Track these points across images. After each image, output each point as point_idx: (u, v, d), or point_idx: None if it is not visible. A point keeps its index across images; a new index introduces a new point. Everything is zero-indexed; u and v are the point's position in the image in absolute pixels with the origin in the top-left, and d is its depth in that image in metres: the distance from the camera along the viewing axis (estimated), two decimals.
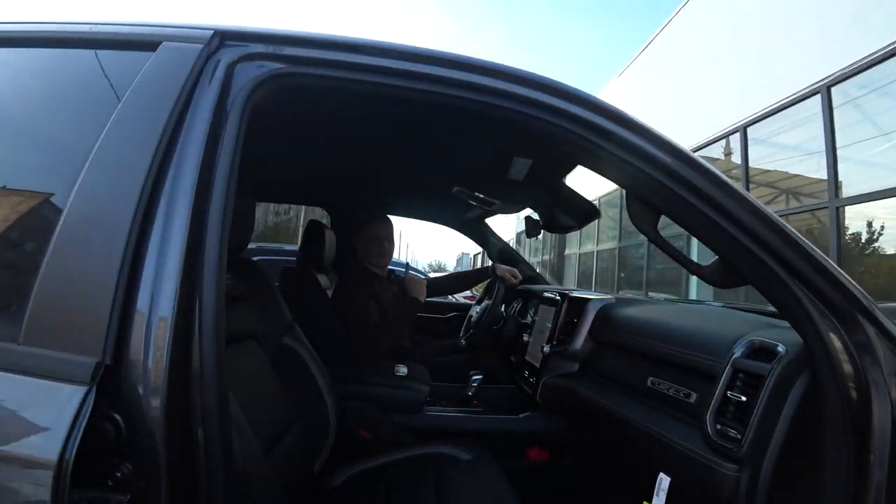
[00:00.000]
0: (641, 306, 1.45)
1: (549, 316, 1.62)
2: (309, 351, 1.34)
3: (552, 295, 1.68)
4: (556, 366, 1.51)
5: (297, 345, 1.32)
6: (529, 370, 1.66)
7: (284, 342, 1.30)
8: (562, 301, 1.58)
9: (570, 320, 1.50)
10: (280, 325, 1.30)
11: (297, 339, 1.33)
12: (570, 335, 1.49)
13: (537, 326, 1.73)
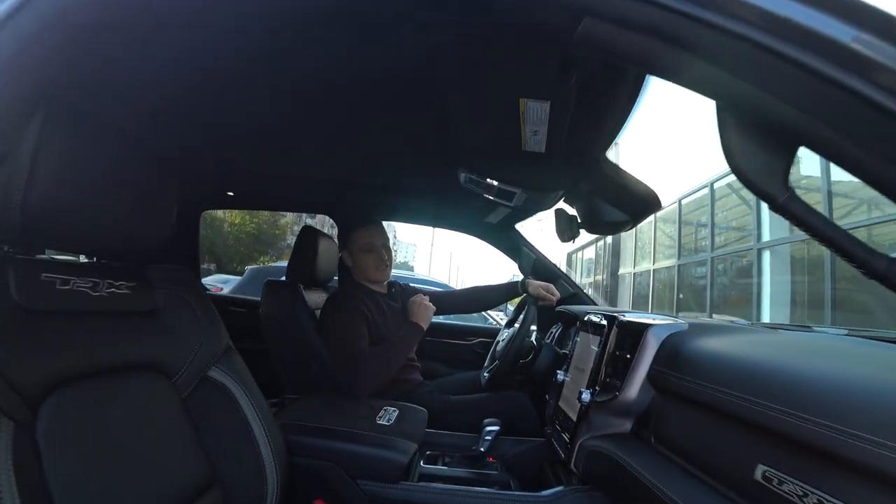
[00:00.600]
0: (731, 337, 0.97)
1: (591, 348, 1.16)
2: (244, 386, 0.98)
3: (596, 318, 1.22)
4: (599, 421, 1.04)
5: (227, 378, 0.96)
6: (563, 422, 1.20)
7: (209, 375, 0.94)
8: (608, 327, 1.12)
9: (621, 355, 1.04)
10: (207, 354, 0.95)
11: (231, 370, 0.98)
12: (620, 377, 1.02)
13: (575, 362, 1.27)
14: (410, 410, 1.33)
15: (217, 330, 1.01)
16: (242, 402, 0.98)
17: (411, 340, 1.56)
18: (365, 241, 1.69)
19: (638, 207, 1.13)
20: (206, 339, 0.98)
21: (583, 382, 1.14)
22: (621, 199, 1.13)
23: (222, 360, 0.99)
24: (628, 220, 1.17)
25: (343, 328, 1.51)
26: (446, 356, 2.29)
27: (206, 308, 1.01)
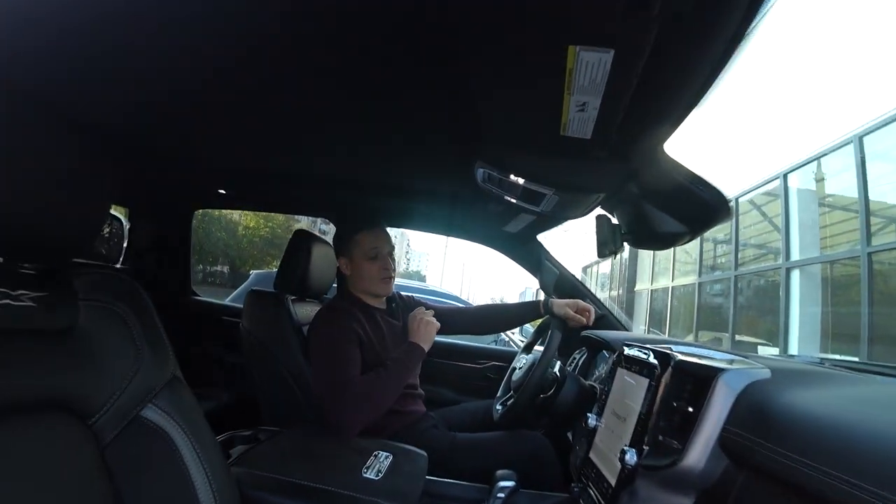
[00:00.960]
0: (837, 390, 0.72)
1: (637, 391, 0.91)
2: (188, 428, 0.76)
3: (641, 353, 0.98)
4: (647, 492, 0.80)
5: (166, 419, 0.74)
6: (596, 481, 0.95)
7: (143, 416, 0.72)
8: (660, 367, 0.88)
9: (680, 407, 0.80)
10: (142, 387, 0.73)
11: (173, 409, 0.75)
12: (678, 436, 0.78)
13: (613, 405, 1.02)
14: (408, 457, 1.09)
15: (160, 354, 0.79)
16: (185, 450, 0.76)
17: (410, 365, 1.31)
18: (370, 247, 1.44)
19: (701, 216, 0.89)
20: (143, 366, 0.75)
21: (624, 435, 0.89)
22: (680, 204, 0.89)
23: (163, 394, 0.77)
24: (685, 233, 0.93)
25: (329, 349, 1.28)
26: (453, 381, 2.04)
27: (147, 325, 0.78)
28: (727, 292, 7.72)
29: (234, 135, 1.39)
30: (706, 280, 8.38)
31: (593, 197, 0.99)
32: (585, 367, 1.58)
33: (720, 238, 8.34)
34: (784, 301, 6.14)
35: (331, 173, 1.68)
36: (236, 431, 1.26)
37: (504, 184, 0.99)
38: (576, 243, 15.19)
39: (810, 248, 5.99)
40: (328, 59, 0.83)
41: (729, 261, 7.66)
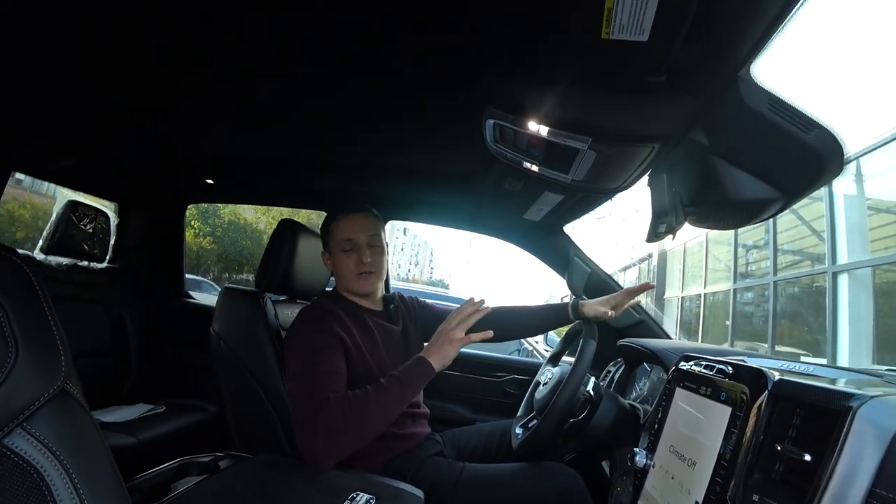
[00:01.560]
0: None
1: (711, 425, 0.64)
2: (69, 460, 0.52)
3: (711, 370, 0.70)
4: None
5: (37, 448, 0.51)
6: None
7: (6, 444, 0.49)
8: (749, 391, 0.60)
9: (790, 454, 0.53)
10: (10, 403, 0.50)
11: (50, 434, 0.52)
12: (784, 496, 0.51)
13: (670, 439, 0.75)
14: (394, 502, 0.83)
15: (45, 359, 0.55)
16: (61, 491, 0.52)
17: (411, 385, 1.01)
18: (344, 237, 1.19)
19: (802, 173, 0.62)
20: (14, 375, 0.52)
21: (693, 486, 0.62)
22: (769, 158, 0.63)
23: (42, 415, 0.53)
24: (776, 199, 0.66)
25: (304, 358, 1.03)
26: (467, 397, 1.78)
27: (32, 320, 0.55)
28: (765, 299, 7.23)
29: (221, 122, 1.31)
30: (742, 286, 7.88)
31: (643, 152, 0.71)
32: (622, 382, 1.30)
33: (750, 244, 7.88)
34: (831, 308, 5.66)
35: (322, 159, 1.49)
36: (193, 457, 1.03)
37: (520, 139, 0.73)
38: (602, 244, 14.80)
39: (859, 252, 5.52)
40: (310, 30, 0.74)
41: (764, 267, 7.18)
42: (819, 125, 0.58)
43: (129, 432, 1.52)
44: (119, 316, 1.99)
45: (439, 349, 1.03)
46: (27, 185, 10.53)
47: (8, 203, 9.77)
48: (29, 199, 10.51)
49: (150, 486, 0.88)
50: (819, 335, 5.93)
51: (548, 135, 0.69)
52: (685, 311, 9.59)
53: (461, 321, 1.04)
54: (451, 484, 1.04)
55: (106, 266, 2.05)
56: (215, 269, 12.40)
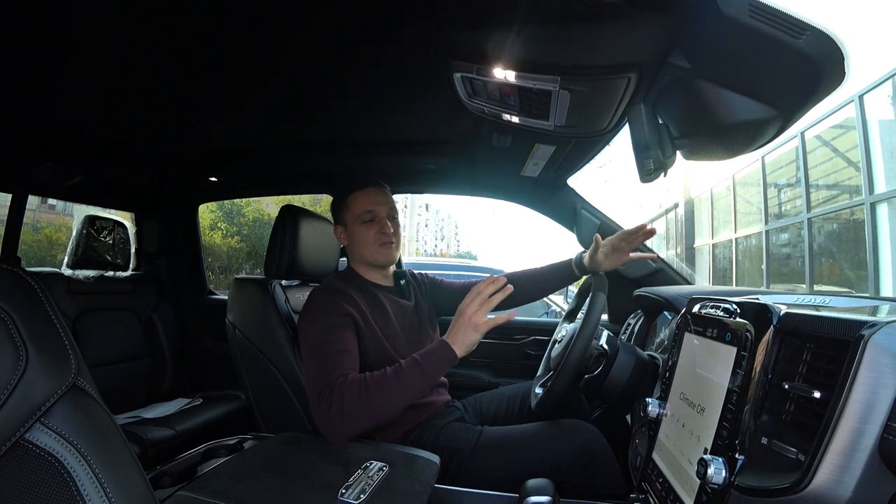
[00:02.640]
0: None
1: (719, 367, 0.61)
2: (90, 450, 0.55)
3: (719, 310, 0.66)
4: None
5: (59, 441, 0.54)
6: (664, 496, 0.66)
7: (27, 439, 0.52)
8: (754, 328, 0.56)
9: (800, 392, 0.49)
10: (26, 402, 0.52)
11: (68, 427, 0.54)
12: (800, 439, 0.48)
13: (680, 386, 0.72)
14: (410, 468, 0.84)
15: (55, 359, 0.57)
16: (85, 482, 0.54)
17: (432, 371, 0.96)
18: (363, 209, 1.20)
19: (798, 83, 0.56)
20: (28, 376, 0.54)
21: (702, 433, 0.59)
22: (760, 72, 0.57)
23: (57, 410, 0.56)
24: (773, 118, 0.60)
25: (315, 337, 1.04)
26: (488, 362, 1.78)
27: (36, 323, 0.57)
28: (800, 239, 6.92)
29: (215, 119, 1.31)
30: (774, 227, 7.57)
31: (619, 85, 0.65)
32: (643, 335, 1.27)
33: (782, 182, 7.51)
34: (871, 240, 5.37)
35: (318, 141, 1.48)
36: (220, 441, 1.07)
37: (492, 90, 0.69)
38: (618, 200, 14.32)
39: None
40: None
41: (798, 206, 6.83)
42: (810, 27, 0.51)
43: (167, 425, 1.60)
44: (149, 319, 2.07)
45: (463, 335, 0.96)
46: (60, 209, 10.98)
47: (45, 229, 10.24)
48: (63, 221, 10.96)
49: (179, 471, 0.92)
50: (861, 271, 5.66)
51: (516, 80, 0.65)
52: (717, 258, 9.31)
53: (482, 304, 0.97)
54: (470, 448, 1.05)
55: (130, 274, 2.12)
56: (247, 267, 12.74)
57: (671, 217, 11.51)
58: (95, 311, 1.87)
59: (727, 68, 0.58)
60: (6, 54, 0.91)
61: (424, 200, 37.81)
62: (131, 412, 1.78)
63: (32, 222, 10.04)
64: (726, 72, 0.58)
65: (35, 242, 9.95)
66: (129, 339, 1.98)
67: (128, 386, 1.91)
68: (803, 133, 6.58)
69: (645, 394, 0.99)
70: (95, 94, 1.12)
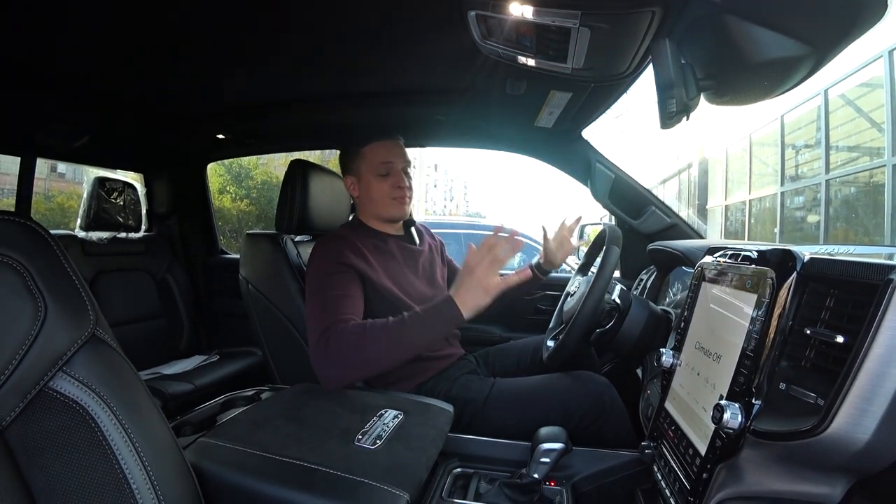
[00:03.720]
0: None
1: (737, 314, 0.60)
2: (112, 397, 0.57)
3: (734, 261, 0.65)
4: (760, 471, 0.51)
5: (83, 389, 0.55)
6: (676, 444, 0.67)
7: (51, 387, 0.54)
8: (776, 274, 0.55)
9: (819, 335, 0.48)
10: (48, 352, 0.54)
11: (91, 375, 0.56)
12: (813, 382, 0.48)
13: (696, 335, 0.71)
14: (425, 415, 0.86)
15: (73, 310, 0.58)
16: (109, 426, 0.57)
17: (434, 328, 0.92)
18: (381, 161, 1.18)
19: (836, 17, 0.52)
20: (48, 327, 0.55)
21: (718, 381, 0.59)
22: (792, 3, 0.53)
23: (78, 360, 0.57)
24: (806, 55, 0.56)
25: (318, 283, 1.04)
26: (500, 316, 1.79)
27: (52, 275, 0.58)
28: (816, 203, 6.75)
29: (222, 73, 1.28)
30: (790, 189, 7.38)
31: (643, 20, 0.61)
32: (655, 289, 1.26)
33: (801, 144, 7.26)
34: (890, 204, 5.23)
35: (326, 93, 1.44)
36: (239, 392, 1.10)
37: (508, 29, 0.65)
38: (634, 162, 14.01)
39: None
40: None
41: (816, 168, 6.62)
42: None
43: (186, 380, 1.65)
44: (163, 279, 2.11)
45: (472, 296, 0.90)
46: (70, 177, 11.00)
47: (57, 197, 10.30)
48: (74, 189, 10.99)
49: (199, 421, 0.95)
50: (877, 236, 5.54)
51: (534, 16, 0.61)
52: (730, 220, 9.16)
53: (493, 262, 0.89)
54: (482, 399, 1.07)
55: (143, 234, 2.14)
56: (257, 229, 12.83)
57: (684, 177, 11.27)
58: (111, 273, 1.90)
59: (758, 1, 0.54)
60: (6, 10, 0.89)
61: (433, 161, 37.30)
62: (150, 369, 1.84)
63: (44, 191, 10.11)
64: (756, 4, 0.54)
65: (48, 211, 10.05)
66: (145, 299, 2.02)
67: (146, 345, 1.96)
68: (827, 90, 6.30)
69: (657, 347, 1.00)
70: (99, 51, 1.09)
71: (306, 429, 0.78)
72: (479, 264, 0.89)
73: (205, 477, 0.66)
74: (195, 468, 0.63)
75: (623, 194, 1.46)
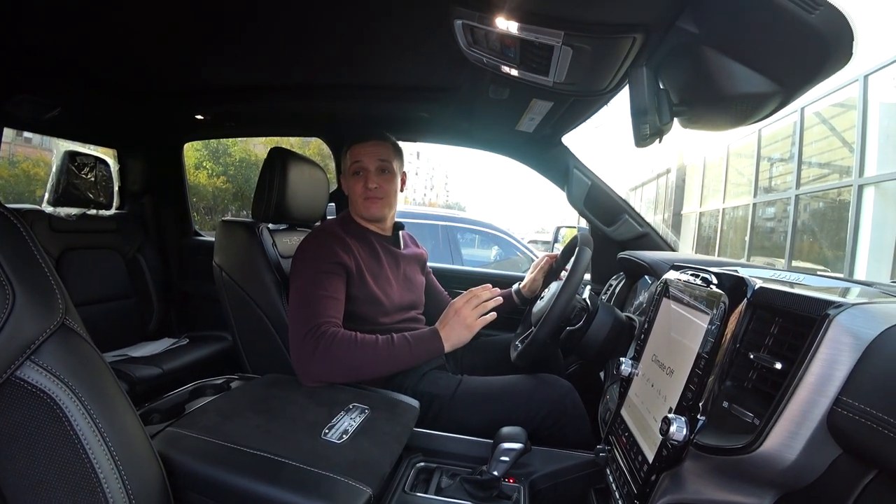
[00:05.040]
0: None
1: (691, 333, 0.63)
2: (80, 387, 0.57)
3: (697, 279, 0.69)
4: (700, 481, 0.55)
5: (49, 378, 0.55)
6: (628, 449, 0.71)
7: (18, 377, 0.53)
8: (728, 299, 0.59)
9: (761, 360, 0.52)
10: (15, 341, 0.53)
11: (58, 364, 0.56)
12: (752, 403, 0.52)
13: (653, 348, 0.75)
14: (392, 411, 0.88)
15: (42, 298, 0.57)
16: (76, 416, 0.57)
17: (417, 355, 1.04)
18: (353, 161, 1.24)
19: (804, 61, 0.55)
20: (15, 315, 0.54)
21: (669, 394, 0.63)
22: (767, 45, 0.56)
23: (46, 348, 0.57)
24: (775, 93, 0.60)
25: (305, 281, 1.07)
26: None
27: (19, 261, 0.57)
28: (786, 215, 7.01)
29: (204, 52, 1.26)
30: (762, 201, 7.64)
31: (624, 45, 0.64)
32: (623, 296, 1.30)
33: (776, 157, 7.50)
34: (853, 222, 5.47)
35: (309, 83, 1.43)
36: (207, 380, 1.10)
37: (493, 40, 0.67)
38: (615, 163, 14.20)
39: (890, 164, 5.20)
40: None
41: (789, 181, 6.87)
42: (825, 3, 0.50)
43: (154, 364, 1.63)
44: (134, 259, 2.06)
45: (456, 333, 1.06)
46: (37, 143, 10.51)
47: (22, 163, 9.83)
48: (41, 156, 10.52)
49: (167, 408, 0.95)
50: (839, 251, 5.79)
51: (518, 31, 0.63)
52: (703, 227, 9.43)
53: (477, 307, 1.07)
54: (449, 396, 1.10)
55: (114, 212, 2.08)
56: (233, 208, 12.52)
57: (662, 182, 11.52)
58: (79, 250, 1.84)
59: (735, 37, 0.57)
60: None
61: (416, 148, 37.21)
62: (118, 350, 1.81)
63: (8, 156, 9.63)
64: (734, 41, 0.57)
65: (12, 177, 9.59)
66: (113, 278, 1.97)
67: (114, 325, 1.92)
68: (803, 109, 6.52)
69: (619, 353, 1.04)
70: (73, 21, 1.05)
71: (274, 421, 0.79)
72: (465, 307, 1.07)
73: (172, 466, 0.67)
74: (163, 457, 0.64)
75: (598, 201, 1.50)
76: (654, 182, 12.16)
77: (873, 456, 0.41)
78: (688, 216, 10.07)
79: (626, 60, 0.68)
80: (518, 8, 0.58)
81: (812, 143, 6.59)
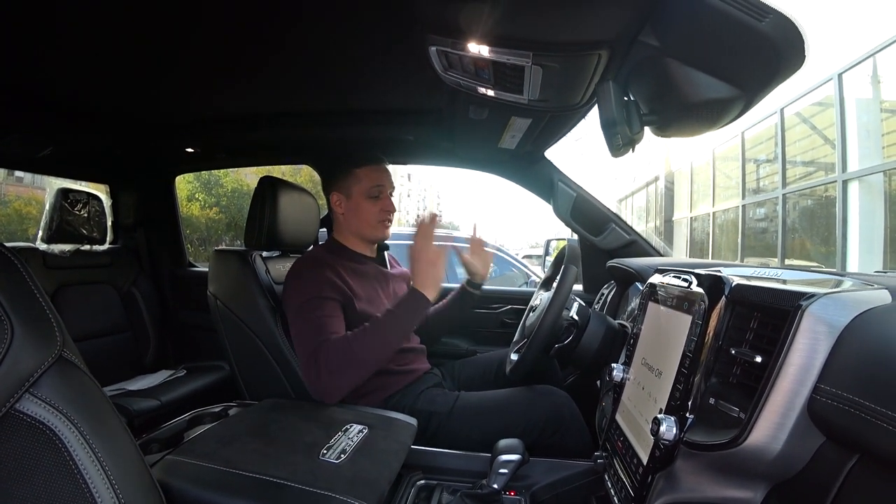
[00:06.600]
0: None
1: (675, 334, 0.65)
2: (79, 418, 0.57)
3: (678, 280, 0.70)
4: (692, 479, 0.56)
5: (49, 410, 0.55)
6: (624, 454, 0.72)
7: (17, 409, 0.54)
8: (708, 298, 0.60)
9: (744, 357, 0.54)
10: (14, 374, 0.54)
11: (57, 396, 0.56)
12: (736, 398, 0.53)
13: (642, 352, 0.77)
14: (389, 430, 0.89)
15: (40, 331, 0.58)
16: (76, 447, 0.57)
17: (408, 316, 1.05)
18: (374, 184, 1.22)
19: (760, 65, 0.59)
20: (14, 349, 0.55)
21: (659, 396, 0.64)
22: (726, 53, 0.59)
23: (45, 381, 0.57)
24: (736, 98, 0.63)
25: (301, 305, 1.08)
26: (466, 330, 1.83)
27: (17, 296, 0.58)
28: (774, 214, 7.11)
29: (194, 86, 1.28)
30: (751, 202, 7.74)
31: (590, 62, 0.67)
32: (615, 304, 1.32)
33: (762, 158, 7.65)
34: (841, 217, 5.56)
35: (296, 111, 1.46)
36: (207, 408, 1.10)
37: (467, 63, 0.70)
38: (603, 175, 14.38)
39: (870, 158, 5.32)
40: None
41: (776, 181, 6.99)
42: (773, 11, 0.53)
43: (152, 396, 1.62)
44: (129, 293, 2.06)
45: (426, 275, 1.06)
46: (28, 182, 10.54)
47: (13, 202, 9.85)
48: (33, 195, 10.54)
49: (166, 438, 0.95)
50: (830, 246, 5.86)
51: (490, 54, 0.66)
52: (695, 231, 9.52)
53: (424, 236, 1.09)
54: (446, 412, 1.10)
55: (108, 247, 2.09)
56: (227, 238, 12.54)
57: (651, 190, 11.66)
58: (74, 286, 1.85)
59: (694, 48, 0.60)
60: None
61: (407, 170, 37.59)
62: (116, 385, 1.79)
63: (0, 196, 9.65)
64: (693, 51, 0.60)
65: (4, 216, 9.60)
66: (109, 312, 1.96)
67: (111, 359, 1.91)
68: (783, 109, 6.67)
69: (613, 360, 1.05)
70: (65, 60, 1.08)
71: (272, 444, 0.80)
72: (417, 248, 1.08)
73: (172, 494, 0.67)
74: (162, 485, 0.64)
75: (584, 212, 1.53)
76: (643, 191, 12.30)
77: (854, 440, 0.42)
78: (679, 222, 10.17)
79: (594, 75, 0.71)
80: (487, 33, 0.62)
81: (795, 142, 6.72)
